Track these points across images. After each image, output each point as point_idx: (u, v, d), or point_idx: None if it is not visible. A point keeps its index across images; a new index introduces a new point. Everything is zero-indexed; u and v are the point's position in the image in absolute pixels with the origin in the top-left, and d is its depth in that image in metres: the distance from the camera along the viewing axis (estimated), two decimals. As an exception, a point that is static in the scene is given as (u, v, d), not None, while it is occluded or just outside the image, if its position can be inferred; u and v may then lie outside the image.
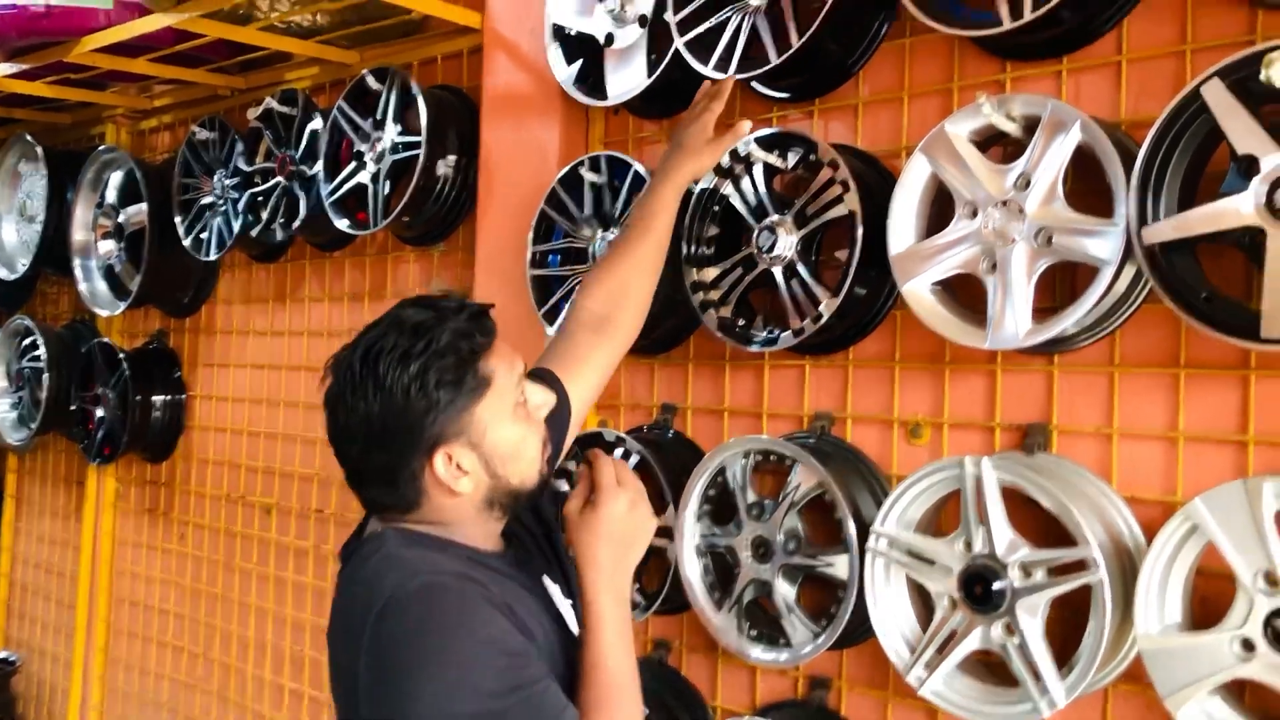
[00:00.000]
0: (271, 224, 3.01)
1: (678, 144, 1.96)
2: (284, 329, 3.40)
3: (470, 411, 1.36)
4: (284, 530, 3.35)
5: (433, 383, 1.33)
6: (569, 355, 1.79)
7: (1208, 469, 1.67)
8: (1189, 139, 1.57)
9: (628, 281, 1.88)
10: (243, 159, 3.14)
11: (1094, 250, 1.64)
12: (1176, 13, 1.74)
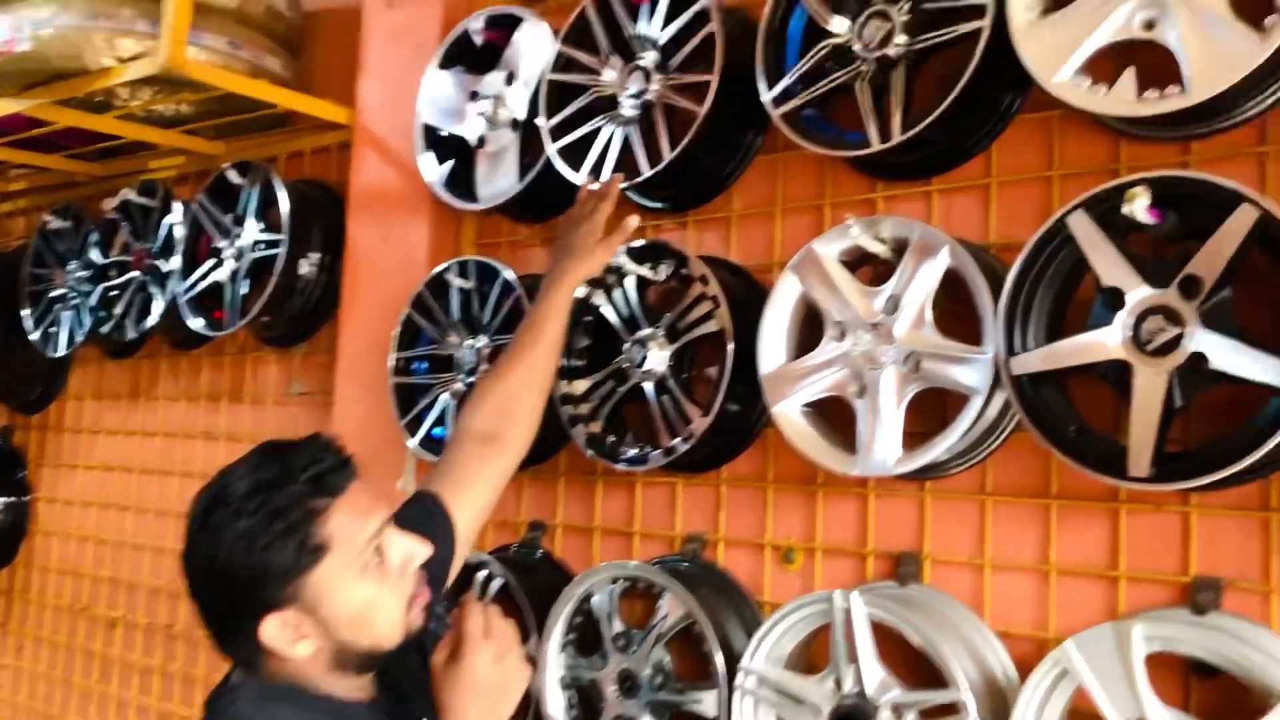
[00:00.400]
0: (124, 321, 2.85)
1: (566, 246, 1.90)
2: (137, 429, 3.21)
3: (304, 577, 1.26)
4: (129, 646, 3.12)
5: (260, 546, 1.23)
6: (456, 472, 1.71)
7: (1080, 604, 1.63)
8: (1056, 268, 1.55)
9: (516, 392, 1.80)
10: (97, 250, 2.98)
11: (962, 378, 1.60)
12: (1043, 138, 1.74)
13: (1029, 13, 1.60)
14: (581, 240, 1.89)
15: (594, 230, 1.90)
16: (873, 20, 1.74)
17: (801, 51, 1.85)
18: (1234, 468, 1.35)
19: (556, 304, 1.86)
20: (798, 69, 1.82)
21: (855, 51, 1.76)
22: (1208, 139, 1.59)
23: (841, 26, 1.78)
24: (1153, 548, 1.58)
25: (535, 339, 1.83)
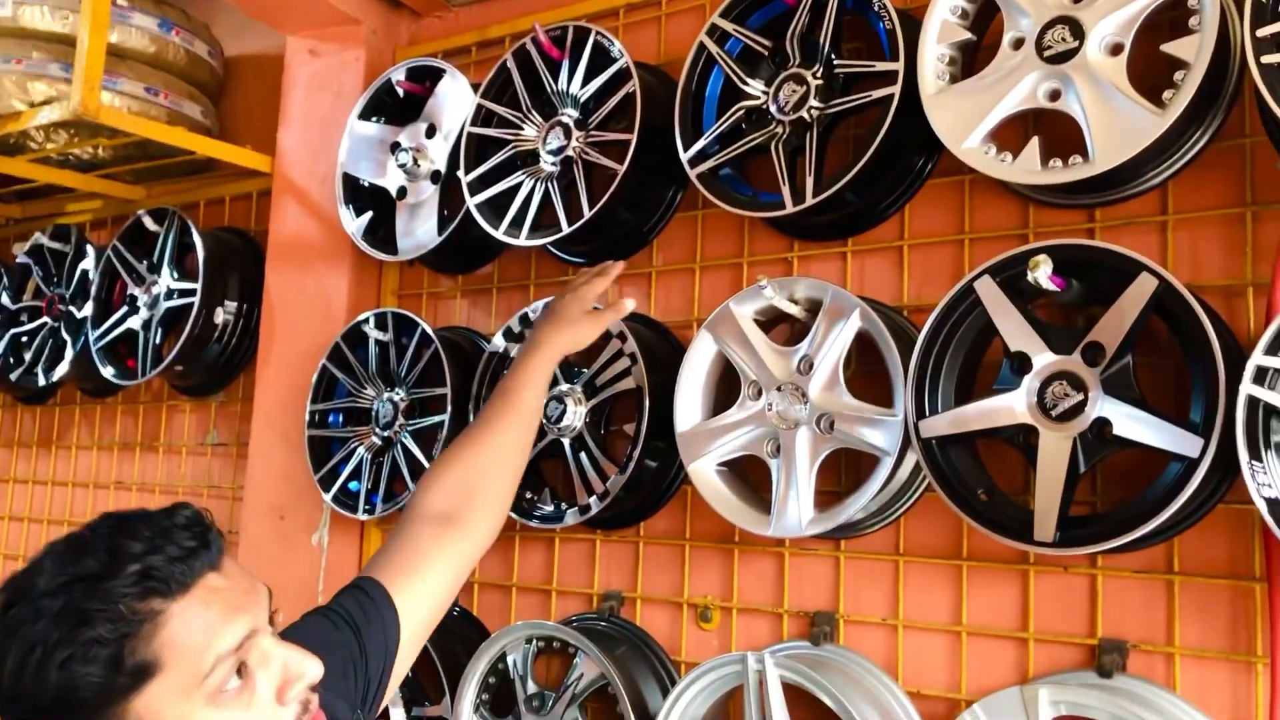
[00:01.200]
0: (34, 368, 2.77)
1: (552, 313, 1.76)
2: (48, 478, 3.11)
3: (123, 705, 0.97)
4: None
5: (59, 661, 0.95)
6: (405, 556, 1.45)
7: (991, 665, 1.63)
8: (965, 332, 1.57)
9: (483, 467, 1.58)
10: (7, 295, 2.90)
11: (873, 440, 1.60)
12: (955, 202, 1.76)
13: (939, 80, 1.63)
14: (566, 308, 1.75)
15: (581, 302, 1.76)
16: (788, 83, 1.76)
17: (719, 112, 1.87)
18: (1135, 533, 1.36)
19: (534, 372, 1.68)
20: (715, 129, 1.84)
21: (771, 114, 1.77)
22: (1113, 206, 1.63)
23: (757, 89, 1.80)
24: (1061, 610, 1.60)
25: (507, 408, 1.64)
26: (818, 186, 1.70)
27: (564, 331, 1.73)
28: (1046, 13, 1.54)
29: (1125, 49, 1.48)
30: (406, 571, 1.43)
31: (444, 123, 2.19)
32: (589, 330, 1.75)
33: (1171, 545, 1.52)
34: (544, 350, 1.71)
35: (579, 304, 1.76)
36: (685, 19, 2.08)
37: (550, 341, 1.72)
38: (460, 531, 1.51)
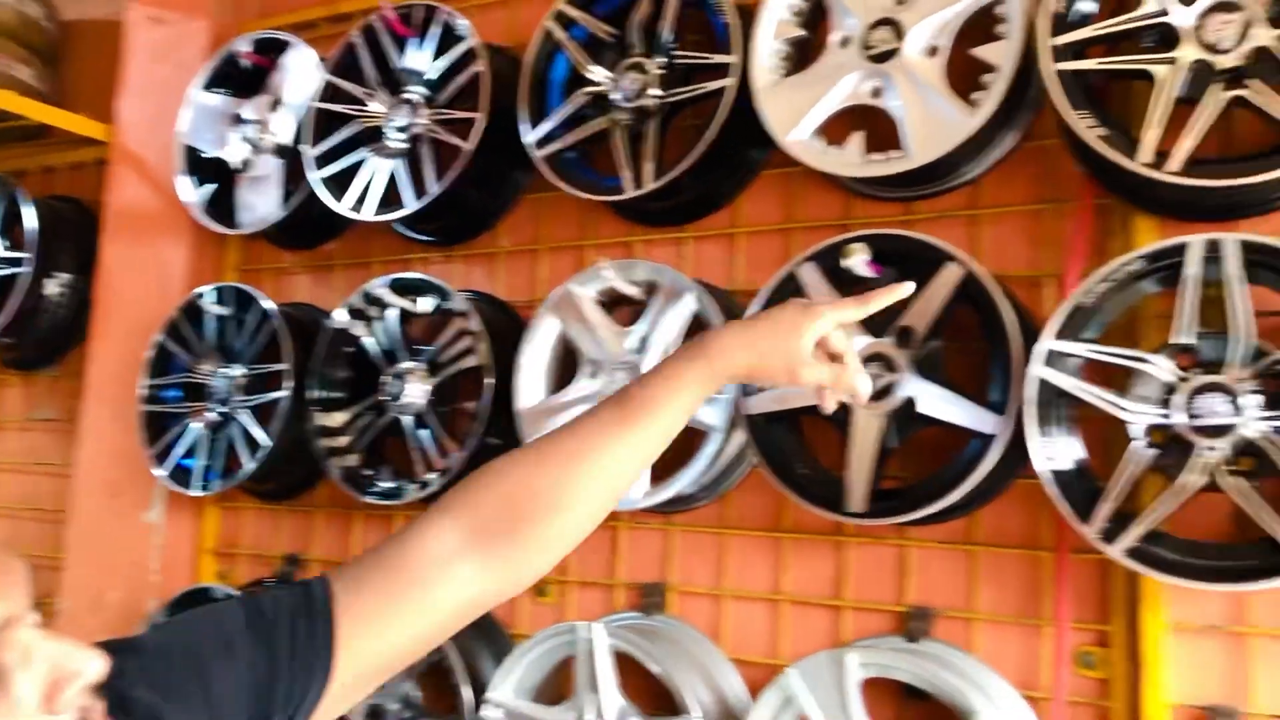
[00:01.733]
0: None
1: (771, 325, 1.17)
2: None
3: None
4: None
5: None
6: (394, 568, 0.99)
7: (808, 632, 1.72)
8: (789, 315, 1.64)
9: (576, 481, 1.07)
10: None
11: (703, 417, 1.67)
12: (785, 193, 1.84)
13: (771, 74, 1.71)
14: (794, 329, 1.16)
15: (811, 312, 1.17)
16: (630, 72, 1.81)
17: (564, 97, 1.91)
18: (937, 505, 1.46)
19: (688, 388, 1.13)
20: (559, 114, 1.87)
21: (613, 100, 1.82)
22: (929, 200, 1.73)
23: (600, 76, 1.85)
24: (874, 579, 1.69)
25: (635, 418, 1.11)
26: (658, 173, 1.76)
27: (771, 358, 1.17)
28: (870, 14, 1.62)
29: (941, 51, 1.58)
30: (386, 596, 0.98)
31: (288, 96, 2.17)
32: (808, 371, 1.16)
33: (974, 518, 1.63)
34: (718, 365, 1.15)
35: (814, 328, 1.18)
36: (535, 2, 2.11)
37: (735, 358, 1.15)
38: (498, 557, 1.04)
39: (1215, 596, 1.44)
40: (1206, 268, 1.33)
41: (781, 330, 1.17)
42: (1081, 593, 1.54)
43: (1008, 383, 1.45)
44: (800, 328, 1.16)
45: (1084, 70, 1.42)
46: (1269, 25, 1.33)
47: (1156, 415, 1.34)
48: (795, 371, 1.16)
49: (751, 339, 1.17)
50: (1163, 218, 1.51)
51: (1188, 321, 1.33)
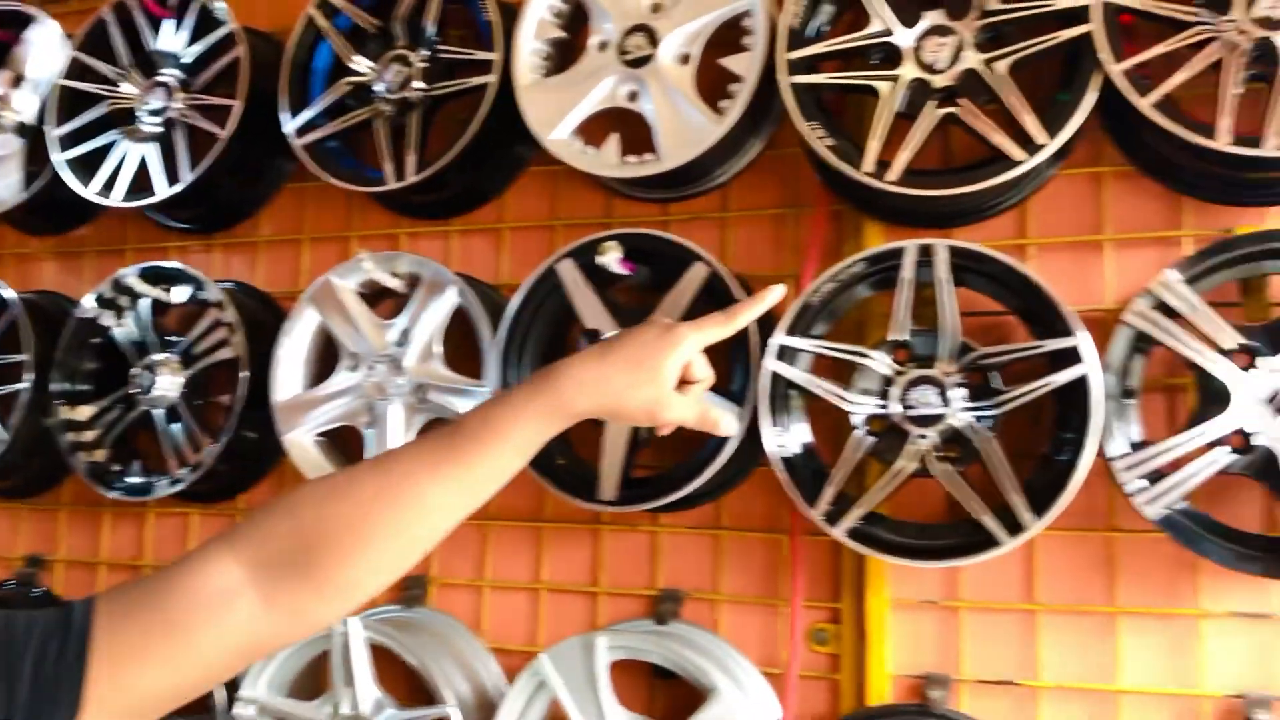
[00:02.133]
0: None
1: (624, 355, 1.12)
2: None
3: None
4: None
5: None
6: (170, 601, 0.88)
7: (565, 619, 1.76)
8: (547, 310, 1.68)
9: (383, 517, 0.96)
10: None
11: (462, 409, 1.69)
12: (550, 190, 1.88)
13: (534, 73, 1.74)
14: (640, 343, 1.13)
15: (673, 335, 1.14)
16: (393, 64, 1.81)
17: (327, 85, 1.89)
18: (681, 492, 1.53)
19: (527, 426, 1.06)
20: (321, 102, 1.85)
21: (376, 92, 1.81)
22: (684, 202, 1.80)
23: (364, 66, 1.84)
24: (629, 565, 1.75)
25: (462, 456, 1.02)
26: (419, 165, 1.76)
27: (628, 398, 1.10)
28: (627, 20, 1.68)
29: (693, 59, 1.65)
30: (149, 630, 0.85)
31: (32, 72, 2.06)
32: (670, 413, 1.14)
33: (720, 503, 1.71)
34: (568, 402, 1.08)
35: (676, 357, 1.13)
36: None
37: (587, 396, 1.09)
38: (283, 598, 0.91)
39: (932, 573, 1.56)
40: (920, 271, 1.44)
41: (642, 366, 1.09)
42: (816, 573, 1.64)
43: (748, 376, 1.53)
44: (662, 361, 1.10)
45: (816, 84, 1.51)
46: (978, 50, 1.46)
47: (875, 406, 1.45)
48: (656, 414, 1.11)
49: (607, 374, 1.08)
50: (889, 224, 1.63)
51: (903, 320, 1.44)
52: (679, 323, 1.18)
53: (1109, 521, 1.50)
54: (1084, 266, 1.55)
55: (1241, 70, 1.34)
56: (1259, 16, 1.33)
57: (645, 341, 1.11)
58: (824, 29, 1.57)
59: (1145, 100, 1.34)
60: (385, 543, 0.95)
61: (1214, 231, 1.49)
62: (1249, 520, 1.44)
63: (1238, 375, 1.32)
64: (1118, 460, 1.35)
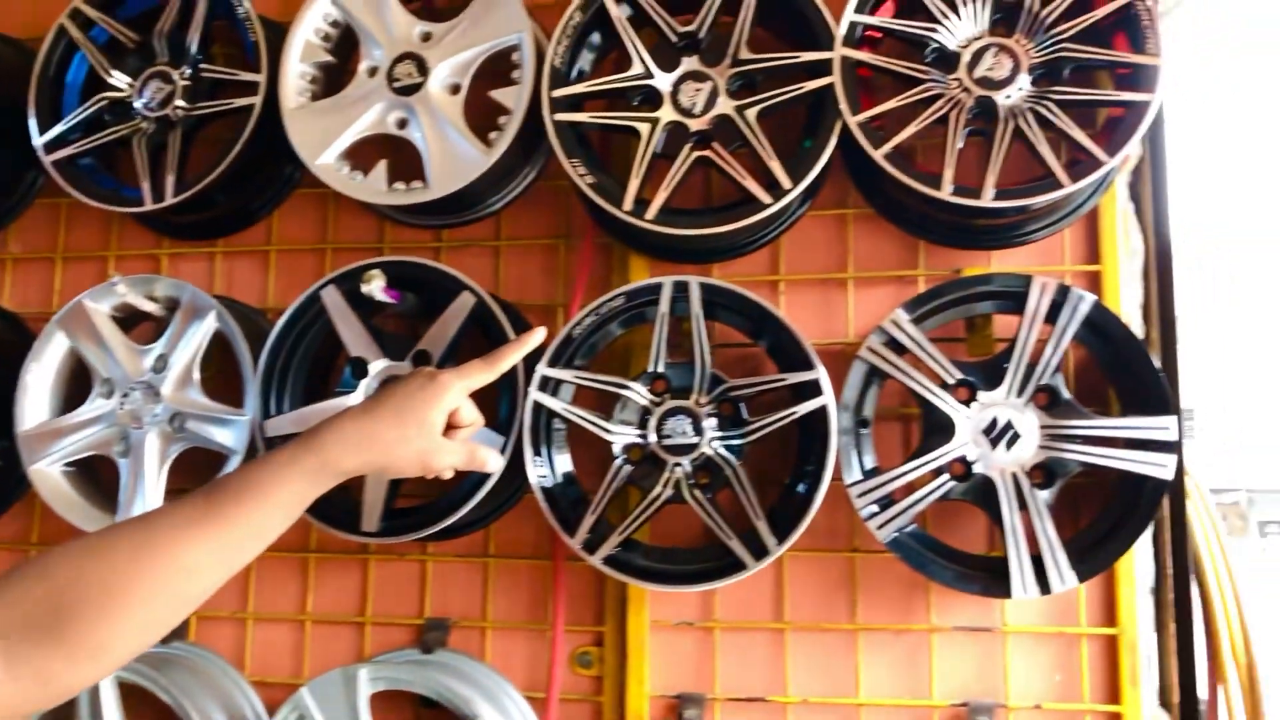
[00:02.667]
0: None
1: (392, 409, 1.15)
2: None
3: None
4: None
5: None
6: None
7: (332, 650, 1.74)
8: (313, 337, 1.65)
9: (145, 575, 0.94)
10: None
11: (221, 439, 1.64)
12: (320, 213, 1.86)
13: (300, 97, 1.71)
14: (408, 395, 1.16)
15: (438, 384, 1.18)
16: (154, 80, 1.75)
17: (82, 99, 1.81)
18: (445, 522, 1.53)
19: (292, 486, 1.09)
20: (74, 117, 1.77)
21: (135, 108, 1.75)
22: (457, 229, 1.81)
23: (122, 81, 1.77)
24: (397, 594, 1.75)
25: (232, 515, 1.03)
26: (179, 186, 1.71)
27: (397, 452, 1.14)
28: (397, 47, 1.67)
29: (463, 89, 1.66)
30: None
31: None
32: (440, 459, 1.18)
33: (489, 531, 1.72)
34: (333, 461, 1.11)
35: (441, 407, 1.17)
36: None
37: (354, 455, 1.11)
38: (32, 663, 0.87)
39: (689, 595, 1.63)
40: (676, 305, 1.50)
41: (408, 418, 1.11)
42: (581, 598, 1.67)
43: (514, 406, 1.55)
44: (428, 411, 1.13)
45: (579, 122, 1.55)
46: (730, 97, 1.53)
47: (634, 435, 1.49)
48: (427, 464, 1.15)
49: (374, 432, 1.10)
50: (653, 258, 1.68)
51: (660, 353, 1.50)
52: (442, 371, 1.20)
53: (850, 543, 1.59)
54: (830, 302, 1.65)
55: (964, 125, 1.45)
56: (980, 76, 1.45)
57: (410, 394, 1.13)
58: (585, 70, 1.62)
59: (878, 151, 1.44)
60: (142, 605, 0.92)
61: (945, 272, 1.60)
62: (977, 542, 1.56)
63: (959, 408, 1.43)
64: (852, 487, 1.44)
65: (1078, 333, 1.42)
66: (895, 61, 1.48)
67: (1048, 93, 1.44)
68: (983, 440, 1.42)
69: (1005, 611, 1.55)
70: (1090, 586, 1.53)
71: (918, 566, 1.42)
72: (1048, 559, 1.38)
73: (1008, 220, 1.55)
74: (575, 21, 1.58)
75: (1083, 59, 1.44)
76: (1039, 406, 1.42)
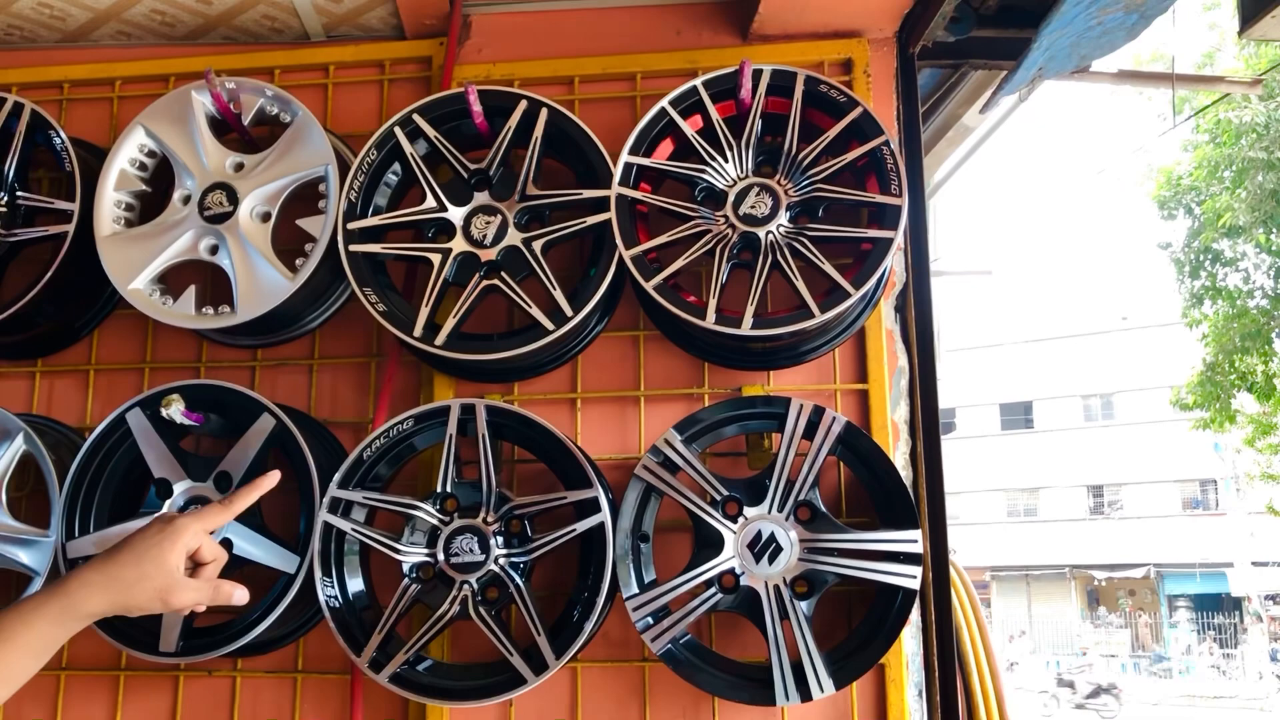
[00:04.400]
0: None
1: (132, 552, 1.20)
2: None
3: None
4: None
5: None
6: None
7: (138, 769, 1.74)
8: (121, 458, 1.69)
9: None
10: None
11: (25, 559, 1.66)
12: (139, 332, 1.90)
13: (115, 224, 1.77)
14: (145, 545, 1.20)
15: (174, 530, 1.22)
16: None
17: (-100, 225, 1.84)
18: (242, 640, 1.56)
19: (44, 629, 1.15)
20: (-112, 241, 1.80)
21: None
22: (273, 348, 1.86)
23: (-62, 207, 1.81)
24: (209, 709, 1.76)
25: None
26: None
27: (138, 591, 1.19)
28: (209, 177, 1.74)
29: (273, 217, 1.73)
30: None
31: None
32: (182, 596, 1.21)
33: (298, 645, 1.75)
34: (79, 604, 1.16)
35: (179, 550, 1.21)
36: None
37: (97, 597, 1.17)
38: None
39: (488, 710, 1.67)
40: (466, 426, 1.57)
41: (146, 560, 1.18)
42: (389, 710, 1.71)
43: (311, 524, 1.60)
44: (165, 553, 1.19)
45: (372, 253, 1.63)
46: (519, 229, 1.62)
47: (424, 554, 1.55)
48: (169, 601, 1.20)
49: (114, 574, 1.17)
50: (456, 377, 1.76)
51: (449, 473, 1.56)
52: (180, 515, 1.27)
53: (641, 653, 1.66)
54: (625, 418, 1.73)
55: (729, 258, 1.56)
56: (744, 214, 1.56)
57: (147, 537, 1.21)
58: (382, 204, 1.70)
59: (649, 283, 1.54)
60: None
61: (726, 391, 1.70)
62: (758, 650, 1.63)
63: (726, 523, 1.51)
64: (630, 599, 1.50)
65: (835, 450, 1.52)
66: (666, 200, 1.59)
67: (804, 229, 1.55)
68: (748, 554, 1.50)
69: (785, 717, 1.62)
70: (863, 689, 1.61)
71: (688, 677, 1.49)
72: (807, 667, 1.46)
73: (782, 343, 1.65)
74: (371, 159, 1.67)
75: (834, 198, 1.57)
76: (800, 520, 1.51)
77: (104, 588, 1.17)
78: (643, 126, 1.62)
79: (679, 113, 1.62)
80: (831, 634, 1.57)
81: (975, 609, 1.66)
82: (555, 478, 1.64)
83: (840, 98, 1.59)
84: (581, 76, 1.84)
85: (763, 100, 1.61)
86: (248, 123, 1.79)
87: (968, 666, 1.64)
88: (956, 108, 2.36)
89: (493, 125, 1.68)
